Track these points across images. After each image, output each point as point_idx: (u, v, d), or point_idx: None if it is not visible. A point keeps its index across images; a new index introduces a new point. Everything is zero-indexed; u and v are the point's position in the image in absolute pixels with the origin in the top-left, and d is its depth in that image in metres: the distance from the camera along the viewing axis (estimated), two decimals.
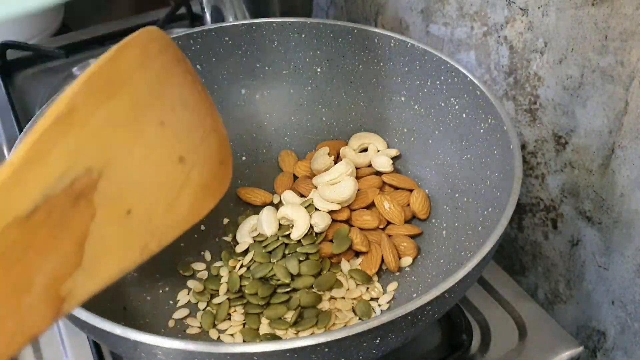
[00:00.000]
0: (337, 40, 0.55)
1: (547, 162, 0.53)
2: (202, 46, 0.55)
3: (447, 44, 0.59)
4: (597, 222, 0.49)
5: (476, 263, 0.35)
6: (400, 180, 0.52)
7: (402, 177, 0.53)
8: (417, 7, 0.62)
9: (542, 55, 0.49)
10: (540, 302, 0.58)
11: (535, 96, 0.51)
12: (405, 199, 0.51)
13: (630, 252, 0.47)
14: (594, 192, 0.49)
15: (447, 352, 0.46)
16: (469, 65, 0.57)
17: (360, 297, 0.45)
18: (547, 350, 0.47)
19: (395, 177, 0.53)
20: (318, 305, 0.45)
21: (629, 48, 0.42)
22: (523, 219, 0.58)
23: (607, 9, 0.42)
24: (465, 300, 0.50)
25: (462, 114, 0.49)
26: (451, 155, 0.50)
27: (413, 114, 0.54)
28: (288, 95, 0.58)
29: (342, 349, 0.32)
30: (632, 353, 0.50)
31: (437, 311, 0.36)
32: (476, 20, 0.54)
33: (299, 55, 0.57)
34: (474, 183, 0.47)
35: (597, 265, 0.51)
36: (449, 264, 0.45)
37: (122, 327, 0.32)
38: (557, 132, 0.50)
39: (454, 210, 0.49)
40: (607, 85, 0.44)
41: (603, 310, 0.51)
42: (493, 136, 0.45)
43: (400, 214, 0.49)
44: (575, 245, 0.52)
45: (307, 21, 0.55)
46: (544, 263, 0.57)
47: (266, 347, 0.31)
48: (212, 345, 0.31)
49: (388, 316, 0.32)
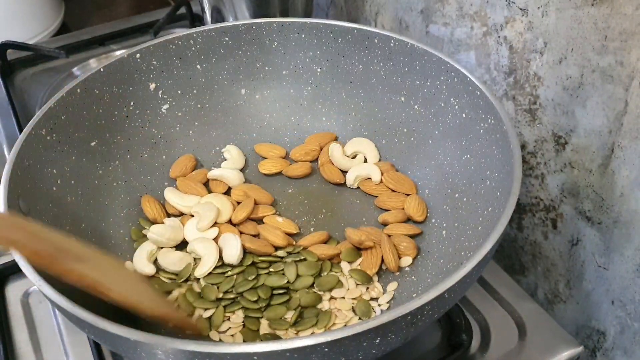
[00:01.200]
0: (337, 40, 0.55)
1: (546, 162, 0.53)
2: (202, 46, 0.55)
3: (447, 44, 0.59)
4: (596, 222, 0.49)
5: (476, 263, 0.35)
6: (398, 183, 0.52)
7: (401, 179, 0.53)
8: (417, 7, 0.62)
9: (541, 55, 0.49)
10: (540, 302, 0.58)
11: (535, 96, 0.51)
12: (401, 203, 0.51)
13: (630, 252, 0.47)
14: (594, 192, 0.49)
15: (447, 352, 0.46)
16: (469, 65, 0.57)
17: (360, 297, 0.45)
18: (547, 350, 0.47)
19: (393, 179, 0.53)
20: (318, 305, 0.45)
21: (628, 48, 0.42)
22: (523, 219, 0.58)
23: (606, 9, 0.42)
24: (465, 300, 0.50)
25: (462, 114, 0.49)
26: (451, 155, 0.50)
27: (413, 114, 0.54)
28: (288, 95, 0.58)
29: (342, 348, 0.32)
30: (631, 353, 0.50)
31: (437, 311, 0.36)
32: (476, 20, 0.54)
33: (299, 55, 0.57)
34: (474, 183, 0.47)
35: (597, 265, 0.51)
36: (449, 264, 0.45)
37: (122, 327, 0.32)
38: (557, 132, 0.50)
39: (454, 210, 0.49)
40: (607, 85, 0.44)
41: (603, 310, 0.51)
42: (493, 136, 0.45)
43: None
44: (575, 245, 0.52)
45: (307, 21, 0.55)
46: (544, 263, 0.57)
47: (266, 347, 0.31)
48: (212, 345, 0.31)
49: (388, 316, 0.32)
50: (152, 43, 0.53)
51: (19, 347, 0.47)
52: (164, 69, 0.54)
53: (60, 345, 0.48)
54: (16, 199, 0.41)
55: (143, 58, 0.53)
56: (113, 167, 0.52)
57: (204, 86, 0.57)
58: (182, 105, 0.56)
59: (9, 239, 0.34)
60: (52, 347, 0.48)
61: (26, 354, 0.47)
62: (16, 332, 0.48)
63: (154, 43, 0.53)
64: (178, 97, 0.56)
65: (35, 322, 0.49)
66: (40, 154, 0.45)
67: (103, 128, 0.51)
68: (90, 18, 0.96)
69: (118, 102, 0.52)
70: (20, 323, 0.49)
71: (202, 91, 0.57)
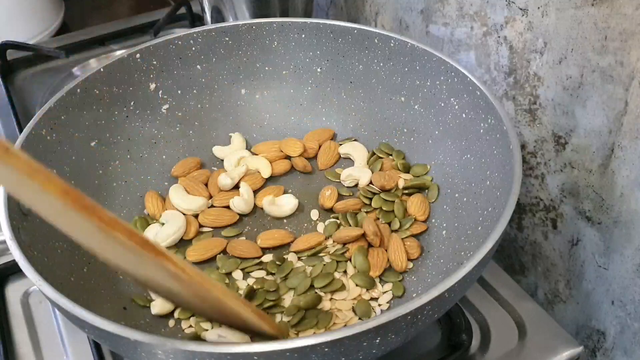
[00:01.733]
0: (337, 40, 0.55)
1: (546, 162, 0.53)
2: (202, 46, 0.55)
3: (447, 44, 0.59)
4: (596, 222, 0.49)
5: (476, 263, 0.35)
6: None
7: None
8: (417, 7, 0.62)
9: (541, 55, 0.49)
10: (540, 302, 0.58)
11: (535, 96, 0.51)
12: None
13: (629, 252, 0.47)
14: (594, 192, 0.49)
15: (447, 352, 0.46)
16: (469, 65, 0.57)
17: (359, 296, 0.45)
18: (547, 350, 0.47)
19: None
20: (318, 305, 0.45)
21: (628, 48, 0.42)
22: (523, 219, 0.58)
23: (606, 9, 0.42)
24: (465, 300, 0.50)
25: (462, 114, 0.49)
26: (451, 155, 0.50)
27: (413, 114, 0.54)
28: (288, 95, 0.58)
29: (342, 348, 0.32)
30: (631, 353, 0.50)
31: (437, 311, 0.36)
32: (476, 20, 0.54)
33: (299, 55, 0.57)
34: (474, 183, 0.47)
35: (597, 265, 0.51)
36: (449, 264, 0.45)
37: (122, 327, 0.32)
38: (557, 132, 0.50)
39: (454, 210, 0.49)
40: (607, 86, 0.44)
41: (603, 310, 0.51)
42: (493, 136, 0.45)
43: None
44: (575, 245, 0.52)
45: (307, 21, 0.55)
46: (544, 263, 0.57)
47: (266, 347, 0.31)
48: (212, 345, 0.31)
49: (388, 316, 0.32)
50: (152, 43, 0.53)
51: (19, 347, 0.47)
52: (164, 69, 0.54)
53: (60, 345, 0.48)
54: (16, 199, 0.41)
55: (143, 58, 0.53)
56: (113, 167, 0.52)
57: (204, 86, 0.57)
58: (182, 105, 0.56)
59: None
60: (52, 347, 0.48)
61: (26, 354, 0.47)
62: (16, 332, 0.48)
63: (154, 43, 0.53)
64: (178, 97, 0.56)
65: (35, 322, 0.49)
66: (40, 154, 0.45)
67: (103, 128, 0.51)
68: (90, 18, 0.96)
69: (118, 102, 0.52)
70: (20, 323, 0.49)
71: (202, 91, 0.57)
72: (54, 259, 0.41)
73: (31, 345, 0.48)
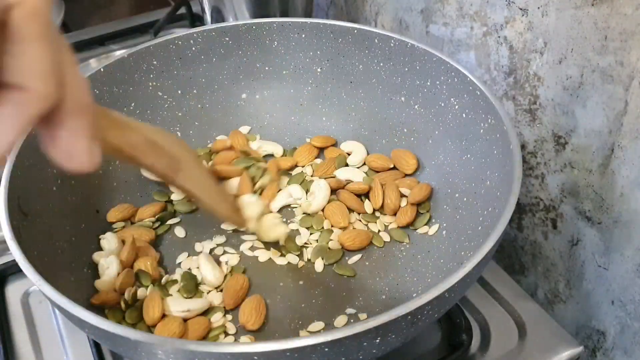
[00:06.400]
0: (337, 40, 0.55)
1: (546, 162, 0.53)
2: (202, 46, 0.55)
3: (447, 44, 0.59)
4: (597, 222, 0.49)
5: (476, 263, 0.35)
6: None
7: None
8: (417, 7, 0.62)
9: (541, 55, 0.49)
10: (540, 302, 0.58)
11: (535, 96, 0.51)
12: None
13: (629, 252, 0.47)
14: (594, 192, 0.49)
15: (447, 352, 0.46)
16: (469, 65, 0.57)
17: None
18: (547, 350, 0.47)
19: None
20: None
21: (628, 48, 0.42)
22: (523, 219, 0.58)
23: (606, 9, 0.42)
24: (465, 300, 0.50)
25: (462, 114, 0.49)
26: (451, 155, 0.50)
27: (413, 114, 0.54)
28: (288, 95, 0.58)
29: (342, 348, 0.32)
30: (631, 353, 0.50)
31: (437, 311, 0.36)
32: (476, 20, 0.54)
33: (299, 55, 0.57)
34: (474, 183, 0.47)
35: (597, 265, 0.51)
36: (449, 264, 0.45)
37: (122, 327, 0.32)
38: (557, 132, 0.50)
39: (454, 210, 0.49)
40: (607, 86, 0.44)
41: (603, 310, 0.51)
42: (493, 136, 0.45)
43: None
44: (575, 245, 0.52)
45: (307, 21, 0.55)
46: (544, 263, 0.57)
47: (266, 347, 0.31)
48: (212, 345, 0.31)
49: (388, 316, 0.32)
50: (152, 43, 0.53)
51: (19, 347, 0.47)
52: (164, 69, 0.54)
53: (60, 345, 0.48)
54: (16, 199, 0.41)
55: (143, 58, 0.53)
56: (113, 167, 0.52)
57: (204, 86, 0.57)
58: (182, 105, 0.56)
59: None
60: (52, 347, 0.48)
61: (26, 354, 0.47)
62: (16, 332, 0.48)
63: (154, 43, 0.53)
64: (178, 97, 0.56)
65: (35, 322, 0.49)
66: (40, 154, 0.45)
67: None
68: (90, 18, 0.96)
69: (118, 102, 0.52)
70: (20, 323, 0.49)
71: (202, 91, 0.57)
72: (54, 259, 0.41)
73: (31, 345, 0.48)
